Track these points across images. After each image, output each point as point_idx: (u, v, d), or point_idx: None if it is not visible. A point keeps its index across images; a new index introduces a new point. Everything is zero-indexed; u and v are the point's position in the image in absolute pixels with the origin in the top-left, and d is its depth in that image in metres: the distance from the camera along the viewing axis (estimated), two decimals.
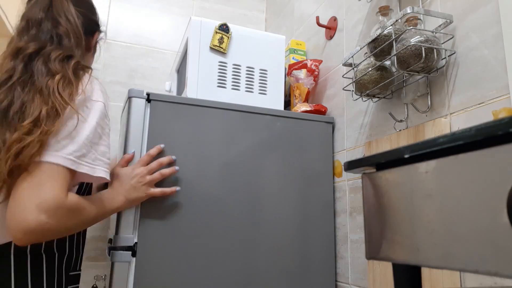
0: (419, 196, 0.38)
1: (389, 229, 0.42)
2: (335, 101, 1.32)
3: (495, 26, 0.77)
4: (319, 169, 1.24)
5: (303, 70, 1.39)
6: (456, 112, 0.85)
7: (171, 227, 1.05)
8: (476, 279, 0.75)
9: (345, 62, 1.07)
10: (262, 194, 1.16)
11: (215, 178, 1.12)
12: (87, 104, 0.82)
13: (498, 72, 0.76)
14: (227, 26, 1.27)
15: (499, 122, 0.29)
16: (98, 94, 0.86)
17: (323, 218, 1.21)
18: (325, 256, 1.19)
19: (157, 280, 1.00)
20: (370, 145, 1.08)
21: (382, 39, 0.93)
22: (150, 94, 1.10)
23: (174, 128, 1.10)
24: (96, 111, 0.83)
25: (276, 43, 1.34)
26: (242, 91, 1.26)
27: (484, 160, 0.31)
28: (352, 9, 1.29)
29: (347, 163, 0.49)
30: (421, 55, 0.82)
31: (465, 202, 0.33)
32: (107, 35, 1.04)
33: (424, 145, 0.36)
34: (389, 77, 0.97)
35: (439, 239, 0.35)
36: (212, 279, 1.06)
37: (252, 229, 1.13)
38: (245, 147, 1.17)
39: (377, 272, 1.00)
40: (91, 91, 0.84)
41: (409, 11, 0.83)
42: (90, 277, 1.65)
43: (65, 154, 0.76)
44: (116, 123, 1.81)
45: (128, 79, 1.87)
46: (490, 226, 0.30)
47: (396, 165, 0.41)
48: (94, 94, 0.85)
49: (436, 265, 0.35)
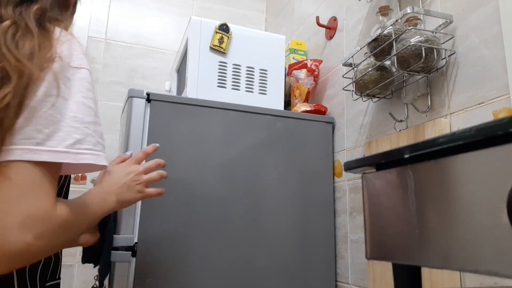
0: (419, 196, 0.38)
1: (389, 229, 0.42)
2: (335, 101, 1.32)
3: (495, 26, 0.77)
4: (319, 169, 1.24)
5: (303, 70, 1.39)
6: (456, 112, 0.85)
7: (171, 227, 1.05)
8: (476, 279, 0.75)
9: (345, 62, 1.07)
10: (262, 194, 1.16)
11: (215, 178, 1.12)
12: (67, 73, 0.61)
13: (498, 72, 0.76)
14: (227, 26, 1.27)
15: (499, 122, 0.29)
16: (80, 58, 0.64)
17: (323, 218, 1.21)
18: (325, 256, 1.19)
19: (157, 280, 1.00)
20: (370, 145, 1.08)
21: (382, 39, 0.93)
22: (150, 94, 1.10)
23: (174, 128, 1.10)
24: (80, 81, 0.62)
25: (276, 43, 1.34)
26: (242, 91, 1.26)
27: (484, 160, 0.31)
28: (352, 9, 1.29)
29: (347, 163, 0.49)
30: (421, 55, 0.82)
31: (465, 202, 0.33)
32: (107, 35, 1.04)
33: (424, 145, 0.36)
34: (389, 77, 0.97)
35: (439, 239, 0.35)
36: (212, 279, 1.06)
37: (252, 229, 1.13)
38: (245, 147, 1.17)
39: (377, 272, 1.00)
40: (69, 55, 0.62)
41: (409, 11, 0.83)
42: (90, 277, 1.64)
43: (50, 147, 0.56)
44: (116, 123, 1.81)
45: (128, 79, 1.87)
46: (490, 226, 0.30)
47: (396, 165, 0.41)
48: (75, 59, 0.63)
49: (436, 265, 0.35)
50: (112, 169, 0.82)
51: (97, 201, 0.73)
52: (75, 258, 1.66)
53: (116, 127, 1.79)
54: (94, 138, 0.62)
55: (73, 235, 0.65)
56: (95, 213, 0.71)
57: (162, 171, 0.88)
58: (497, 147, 0.30)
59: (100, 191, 0.76)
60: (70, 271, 1.64)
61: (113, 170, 0.82)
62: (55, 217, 0.58)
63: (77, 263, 1.65)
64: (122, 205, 0.80)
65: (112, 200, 0.76)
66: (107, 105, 1.81)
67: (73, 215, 0.62)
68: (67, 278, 1.64)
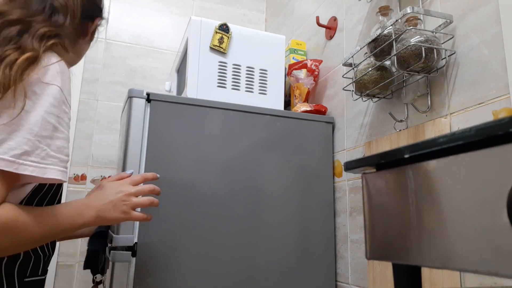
0: (419, 196, 0.38)
1: (389, 229, 0.42)
2: (335, 101, 1.32)
3: (495, 26, 0.77)
4: (319, 169, 1.24)
5: (303, 70, 1.39)
6: (456, 112, 0.85)
7: (171, 227, 1.05)
8: (476, 279, 0.75)
9: (345, 62, 1.07)
10: (262, 194, 1.16)
11: (215, 178, 1.12)
12: (36, 87, 0.64)
13: (498, 72, 0.76)
14: (227, 26, 1.27)
15: (499, 122, 0.29)
16: (53, 75, 0.67)
17: (323, 218, 1.21)
18: (325, 256, 1.19)
19: (157, 280, 1.00)
20: (370, 145, 1.09)
21: (382, 39, 0.93)
22: (150, 94, 1.10)
23: (174, 128, 1.10)
24: (47, 97, 0.65)
25: (276, 43, 1.34)
26: (242, 91, 1.26)
27: (484, 160, 0.31)
28: (352, 9, 1.29)
29: (347, 163, 0.49)
30: (421, 55, 0.82)
31: (465, 202, 0.33)
32: (107, 35, 1.04)
33: (424, 145, 0.36)
34: (389, 77, 0.97)
35: (439, 239, 0.35)
36: (212, 279, 1.06)
37: (252, 229, 1.13)
38: (245, 147, 1.17)
39: (377, 272, 1.00)
40: (44, 72, 0.66)
41: (409, 11, 0.83)
42: (90, 277, 1.64)
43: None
44: (116, 123, 1.81)
45: (128, 79, 1.87)
46: (490, 226, 0.30)
47: (396, 165, 0.41)
48: (48, 76, 0.66)
49: (436, 265, 0.35)
50: (105, 185, 0.81)
51: (70, 213, 0.72)
52: (75, 258, 1.66)
53: (116, 127, 1.79)
54: (44, 152, 0.64)
55: (24, 240, 0.65)
56: (63, 224, 0.70)
57: (153, 198, 0.85)
58: (497, 147, 0.30)
59: (80, 204, 0.75)
60: (70, 271, 1.64)
61: (106, 186, 0.81)
62: None
63: (77, 263, 1.65)
64: (103, 222, 0.78)
65: (90, 214, 0.75)
66: (107, 105, 1.81)
67: (23, 220, 0.64)
68: (67, 278, 1.64)
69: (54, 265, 1.62)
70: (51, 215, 0.69)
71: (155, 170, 1.05)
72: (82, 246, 1.66)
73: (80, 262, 1.65)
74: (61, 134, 0.67)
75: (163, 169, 1.06)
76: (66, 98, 0.69)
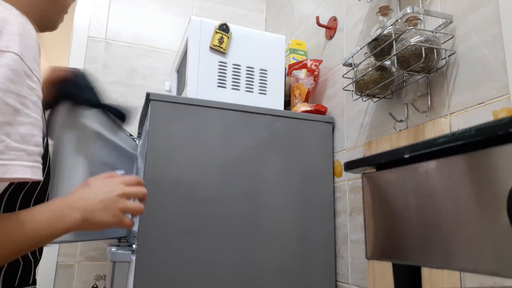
0: (419, 196, 0.38)
1: (389, 229, 0.42)
2: (335, 101, 1.32)
3: (495, 26, 0.77)
4: (319, 169, 1.24)
5: (303, 70, 1.39)
6: (456, 112, 0.85)
7: (171, 227, 1.05)
8: (476, 279, 0.75)
9: (345, 62, 1.07)
10: (262, 194, 1.16)
11: (215, 178, 1.12)
12: None
13: (498, 72, 0.76)
14: (227, 26, 1.27)
15: (499, 122, 0.29)
16: (10, 38, 0.49)
17: (323, 218, 1.21)
18: (325, 256, 1.19)
19: (157, 280, 1.00)
20: (370, 145, 1.09)
21: (382, 39, 0.93)
22: (150, 94, 1.10)
23: (174, 128, 1.10)
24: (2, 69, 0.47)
25: (276, 43, 1.34)
26: (242, 91, 1.26)
27: (484, 160, 0.31)
28: (352, 9, 1.29)
29: (347, 163, 0.49)
30: (421, 55, 0.82)
31: (465, 202, 0.33)
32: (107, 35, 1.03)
33: (424, 145, 0.36)
34: (389, 77, 0.97)
35: (439, 239, 0.35)
36: (212, 279, 1.06)
37: (252, 229, 1.13)
38: (245, 147, 1.17)
39: (377, 272, 1.00)
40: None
41: (409, 11, 0.83)
42: (90, 277, 1.65)
43: None
44: None
45: (128, 79, 1.87)
46: (490, 226, 0.30)
47: (396, 165, 0.41)
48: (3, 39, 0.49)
49: (436, 265, 0.35)
50: (93, 182, 0.65)
51: (48, 218, 0.56)
52: (75, 258, 1.66)
53: None
54: (2, 144, 0.47)
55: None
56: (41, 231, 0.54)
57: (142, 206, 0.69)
58: (497, 147, 0.30)
59: (61, 205, 0.58)
60: (70, 271, 1.64)
61: (94, 183, 0.65)
62: None
63: (77, 263, 1.65)
64: (89, 227, 0.61)
65: (73, 217, 0.58)
66: None
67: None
68: (67, 278, 1.64)
69: (54, 265, 1.62)
70: (28, 222, 0.53)
71: (155, 170, 1.05)
72: (82, 246, 1.66)
73: (80, 262, 1.65)
74: (26, 117, 0.49)
75: (163, 169, 1.06)
76: (30, 69, 0.51)
